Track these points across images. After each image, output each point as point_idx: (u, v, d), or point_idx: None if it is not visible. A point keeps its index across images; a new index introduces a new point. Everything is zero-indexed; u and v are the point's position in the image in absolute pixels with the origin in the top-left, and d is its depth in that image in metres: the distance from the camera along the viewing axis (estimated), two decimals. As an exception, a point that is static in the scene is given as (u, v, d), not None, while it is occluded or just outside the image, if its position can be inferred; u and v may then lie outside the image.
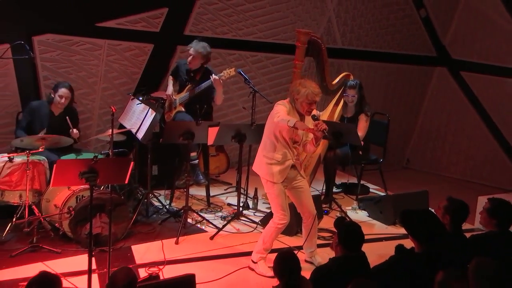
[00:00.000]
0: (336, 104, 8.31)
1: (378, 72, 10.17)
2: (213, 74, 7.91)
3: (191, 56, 8.02)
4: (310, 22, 9.38)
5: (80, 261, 6.25)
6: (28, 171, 6.82)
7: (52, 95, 7.59)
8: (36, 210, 6.95)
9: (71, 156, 7.29)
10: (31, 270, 5.98)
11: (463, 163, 10.04)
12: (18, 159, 6.96)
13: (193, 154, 8.31)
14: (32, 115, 7.59)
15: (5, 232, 6.78)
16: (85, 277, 5.58)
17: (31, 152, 6.88)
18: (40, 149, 7.01)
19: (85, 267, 5.59)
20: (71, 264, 6.35)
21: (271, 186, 6.35)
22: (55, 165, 5.72)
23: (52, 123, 7.59)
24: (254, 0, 9.27)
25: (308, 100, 6.11)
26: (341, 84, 8.30)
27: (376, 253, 5.95)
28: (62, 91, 7.58)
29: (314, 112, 6.24)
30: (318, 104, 6.46)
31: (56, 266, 6.21)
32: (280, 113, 6.08)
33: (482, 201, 7.01)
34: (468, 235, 5.81)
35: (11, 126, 8.02)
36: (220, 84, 7.95)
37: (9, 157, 6.95)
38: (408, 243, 5.33)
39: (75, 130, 7.56)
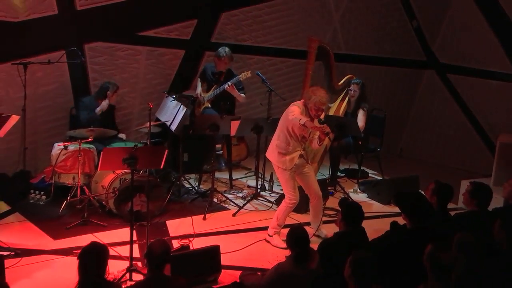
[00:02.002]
0: (342, 100, 8.31)
1: (376, 74, 10.12)
2: (226, 84, 7.95)
3: (217, 60, 8.08)
4: (318, 31, 9.34)
5: (123, 233, 6.29)
6: (80, 157, 6.87)
7: (109, 94, 7.65)
8: (86, 190, 7.02)
9: (116, 144, 7.33)
10: (83, 240, 6.05)
11: (449, 151, 9.99)
12: (72, 147, 7.03)
13: (218, 145, 8.36)
14: (86, 108, 7.64)
15: (61, 208, 6.86)
16: (127, 246, 5.67)
17: (82, 141, 6.96)
18: (90, 139, 7.07)
19: (127, 238, 5.68)
20: (115, 236, 6.41)
21: (282, 172, 6.39)
22: (102, 152, 5.79)
23: (101, 114, 7.65)
24: (270, 12, 9.25)
25: (315, 106, 6.13)
26: (346, 84, 8.30)
27: (374, 229, 5.95)
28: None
29: (322, 116, 6.27)
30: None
31: (103, 237, 6.28)
32: (295, 113, 6.11)
33: (464, 184, 6.99)
34: (452, 213, 5.81)
35: (65, 119, 8.07)
36: (234, 90, 7.99)
37: (64, 146, 7.03)
38: (401, 220, 5.34)
39: (121, 135, 7.73)
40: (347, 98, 8.26)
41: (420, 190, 6.81)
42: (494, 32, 9.33)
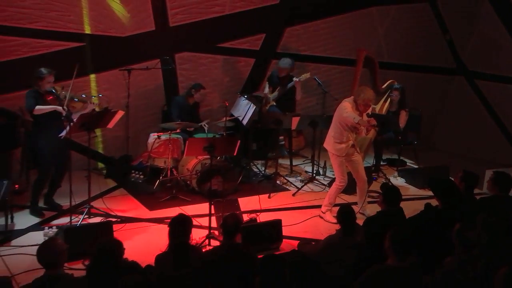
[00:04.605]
0: (385, 101, 8.18)
1: (414, 79, 9.85)
2: (294, 78, 7.92)
3: (280, 69, 8.08)
4: (365, 43, 9.18)
5: (203, 207, 6.35)
6: (170, 145, 6.99)
7: (193, 92, 7.68)
8: (175, 172, 7.16)
9: (198, 135, 7.43)
10: (172, 211, 6.15)
11: (475, 145, 9.65)
12: (163, 136, 7.13)
13: (281, 137, 8.36)
14: (177, 105, 7.72)
15: (155, 186, 7.01)
16: (207, 218, 5.75)
17: (171, 132, 7.08)
18: (178, 130, 7.18)
19: (207, 212, 5.75)
20: (197, 209, 6.49)
21: (336, 158, 6.34)
22: (187, 141, 5.89)
23: (188, 110, 7.70)
24: (325, 28, 9.16)
25: (364, 102, 6.08)
26: (388, 87, 8.16)
27: (410, 209, 5.83)
28: (203, 91, 7.72)
29: (369, 111, 6.21)
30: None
31: (188, 210, 6.37)
32: (348, 109, 6.08)
33: (488, 173, 6.74)
34: (477, 197, 5.64)
35: (159, 114, 8.20)
36: (299, 85, 7.94)
37: (158, 135, 7.16)
38: (434, 202, 5.24)
39: (205, 122, 7.72)
40: (389, 99, 8.13)
41: (450, 177, 6.65)
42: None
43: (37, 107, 5.92)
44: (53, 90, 6.06)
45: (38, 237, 5.57)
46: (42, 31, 7.23)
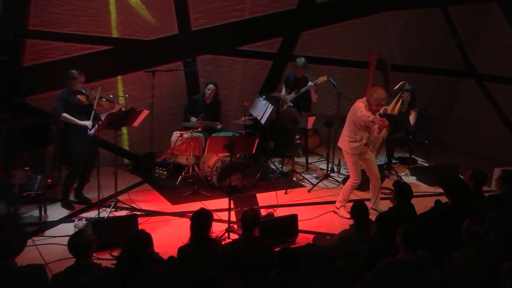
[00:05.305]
0: (396, 102, 8.12)
1: (425, 81, 9.78)
2: (309, 82, 7.90)
3: (296, 68, 8.06)
4: (378, 46, 9.11)
5: (223, 202, 6.37)
6: (191, 143, 7.04)
7: (204, 89, 7.74)
8: (196, 168, 7.19)
9: (218, 134, 7.45)
10: (193, 206, 6.22)
11: (484, 144, 9.56)
12: (186, 135, 7.21)
13: (297, 136, 8.35)
14: (194, 104, 7.77)
15: (177, 181, 7.06)
16: (226, 212, 5.77)
17: (193, 130, 7.11)
18: (199, 129, 7.22)
19: (226, 206, 5.77)
20: (218, 204, 6.51)
21: (350, 157, 6.33)
22: (208, 139, 5.91)
23: (205, 110, 7.70)
24: (340, 31, 9.14)
25: (376, 102, 6.05)
26: (399, 89, 8.11)
27: (421, 205, 5.80)
28: (210, 86, 7.67)
29: (381, 111, 6.19)
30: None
31: (208, 204, 6.41)
32: (362, 109, 6.07)
33: (497, 171, 6.70)
34: (486, 194, 5.59)
35: (181, 114, 8.22)
36: (313, 88, 7.92)
37: (180, 134, 7.22)
38: (444, 199, 5.21)
39: (219, 125, 7.72)
40: (400, 100, 8.07)
41: (460, 175, 6.60)
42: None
43: (64, 114, 6.09)
44: (83, 91, 6.17)
45: (69, 228, 5.67)
46: (73, 35, 7.33)
